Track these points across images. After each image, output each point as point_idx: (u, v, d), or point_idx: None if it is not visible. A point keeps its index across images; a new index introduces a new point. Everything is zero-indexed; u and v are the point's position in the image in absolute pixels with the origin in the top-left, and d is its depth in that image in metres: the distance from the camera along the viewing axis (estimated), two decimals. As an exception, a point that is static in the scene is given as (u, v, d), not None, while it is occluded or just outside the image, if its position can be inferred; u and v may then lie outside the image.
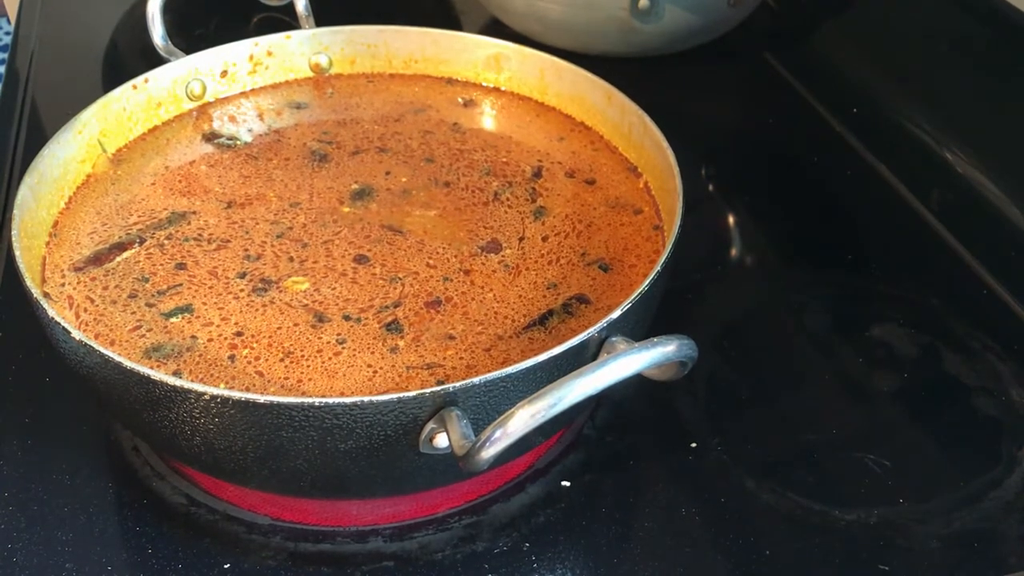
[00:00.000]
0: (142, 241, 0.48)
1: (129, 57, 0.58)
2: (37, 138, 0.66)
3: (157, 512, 0.45)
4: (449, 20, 0.85)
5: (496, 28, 0.81)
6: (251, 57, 0.59)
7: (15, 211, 0.44)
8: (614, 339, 0.39)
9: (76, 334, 0.38)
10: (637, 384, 0.35)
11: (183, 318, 0.44)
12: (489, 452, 0.34)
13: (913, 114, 0.68)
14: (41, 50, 0.77)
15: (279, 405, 0.36)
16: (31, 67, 0.76)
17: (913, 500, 0.46)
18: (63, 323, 0.38)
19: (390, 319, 0.44)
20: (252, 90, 0.60)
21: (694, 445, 0.48)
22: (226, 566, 0.43)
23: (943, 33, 0.65)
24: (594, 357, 0.39)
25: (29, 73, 0.76)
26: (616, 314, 0.39)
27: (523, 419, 0.34)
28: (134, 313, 0.44)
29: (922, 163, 0.66)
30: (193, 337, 0.43)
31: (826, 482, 0.47)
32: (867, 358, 0.54)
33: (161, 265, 0.47)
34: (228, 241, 0.48)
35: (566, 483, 0.47)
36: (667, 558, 0.44)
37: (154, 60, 0.57)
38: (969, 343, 0.55)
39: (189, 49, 0.58)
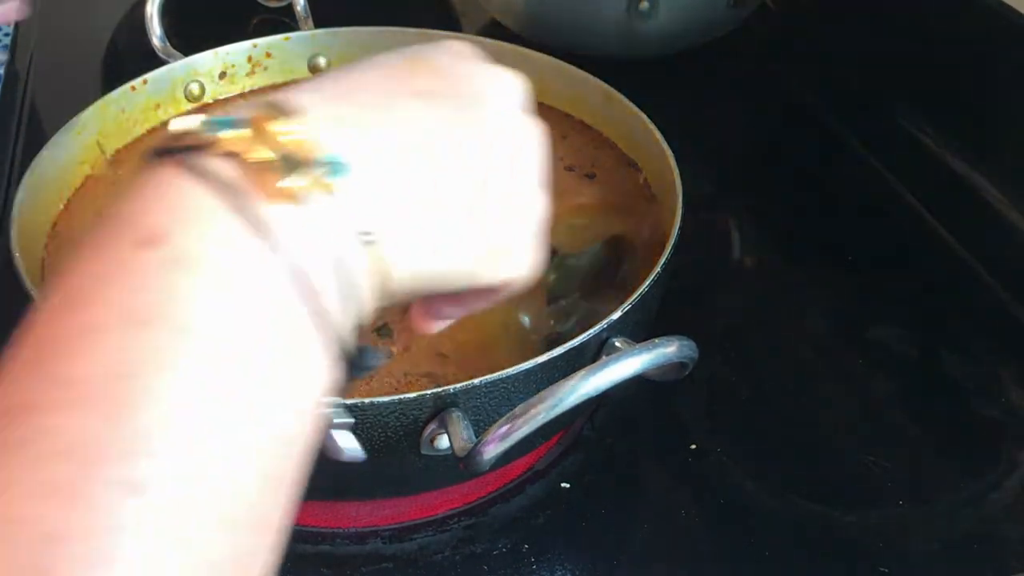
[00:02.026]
0: None
1: (129, 58, 0.58)
2: (37, 138, 0.66)
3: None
4: (449, 21, 0.85)
5: (496, 29, 0.81)
6: (250, 58, 0.59)
7: (14, 213, 0.44)
8: (614, 340, 0.39)
9: None
10: (637, 385, 0.35)
11: None
12: (491, 453, 0.34)
13: (913, 114, 0.68)
14: (41, 50, 0.77)
15: None
16: (31, 67, 0.76)
17: (913, 502, 0.46)
18: None
19: (379, 323, 0.44)
20: (252, 91, 0.60)
21: (694, 447, 0.48)
22: (225, 567, 0.42)
23: (943, 33, 0.65)
24: (594, 358, 0.39)
25: (29, 73, 0.76)
26: (616, 315, 0.39)
27: (525, 420, 0.34)
28: None
29: (922, 163, 0.66)
30: None
31: (826, 483, 0.47)
32: (867, 359, 0.54)
33: None
34: None
35: (566, 484, 0.47)
36: (667, 559, 0.44)
37: (154, 61, 0.57)
38: (969, 345, 0.55)
39: (188, 50, 0.58)
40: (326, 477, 0.39)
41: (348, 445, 0.32)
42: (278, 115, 0.24)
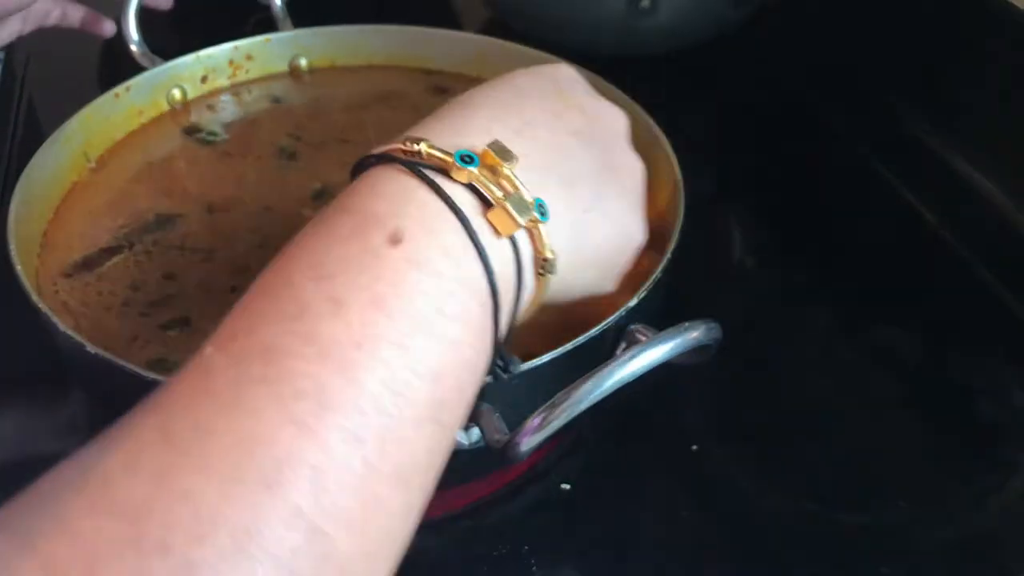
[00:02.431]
0: (131, 246, 0.47)
1: (126, 58, 0.58)
2: (33, 139, 0.66)
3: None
4: (448, 19, 0.85)
5: (496, 27, 0.81)
6: (231, 62, 0.59)
7: (9, 228, 0.43)
8: (633, 328, 0.39)
9: (91, 348, 0.37)
10: (637, 386, 0.35)
11: (182, 332, 0.43)
12: (528, 444, 0.34)
13: (914, 113, 0.68)
14: (38, 50, 0.77)
15: None
16: (27, 67, 0.76)
17: (914, 502, 0.46)
18: (77, 338, 0.37)
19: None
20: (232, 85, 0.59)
21: (695, 448, 0.48)
22: (223, 570, 0.42)
23: (945, 33, 0.65)
24: (613, 347, 0.39)
25: (25, 73, 0.75)
26: (633, 301, 0.39)
27: (563, 407, 0.34)
28: (128, 321, 0.43)
29: (923, 163, 0.66)
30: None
31: (827, 485, 0.47)
32: (869, 360, 0.54)
33: (150, 273, 0.46)
34: (213, 251, 0.47)
35: (566, 486, 0.47)
36: (668, 560, 0.44)
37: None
38: (971, 345, 0.54)
39: (184, 49, 0.58)
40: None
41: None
42: (504, 157, 0.29)
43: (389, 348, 0.24)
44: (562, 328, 0.38)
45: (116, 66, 0.75)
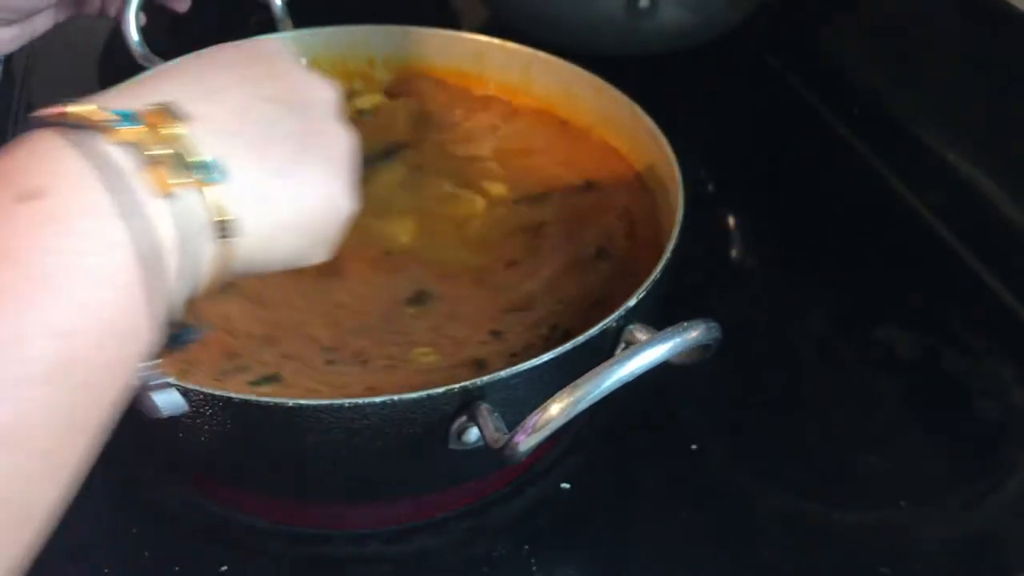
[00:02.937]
0: None
1: (126, 58, 0.58)
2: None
3: (155, 515, 0.45)
4: (448, 19, 0.85)
5: (496, 27, 0.81)
6: None
7: None
8: (632, 328, 0.39)
9: None
10: (636, 385, 0.35)
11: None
12: (527, 444, 0.34)
13: (914, 114, 0.68)
14: (38, 50, 0.77)
15: (308, 408, 0.35)
16: (26, 67, 0.76)
17: (914, 502, 0.46)
18: None
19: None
20: None
21: (694, 447, 0.48)
22: (223, 569, 0.42)
23: (945, 33, 0.65)
24: (613, 346, 0.39)
25: (25, 73, 0.75)
26: (632, 302, 0.39)
27: (562, 407, 0.34)
28: None
29: (923, 163, 0.66)
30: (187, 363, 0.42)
31: (826, 484, 0.47)
32: (868, 360, 0.54)
33: None
34: None
35: (566, 485, 0.47)
36: (667, 560, 0.44)
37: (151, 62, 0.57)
38: (971, 345, 0.55)
39: (184, 49, 0.57)
40: (356, 477, 0.39)
41: (166, 402, 0.34)
42: (171, 117, 0.28)
43: (10, 302, 0.24)
44: None
45: (116, 66, 0.75)
